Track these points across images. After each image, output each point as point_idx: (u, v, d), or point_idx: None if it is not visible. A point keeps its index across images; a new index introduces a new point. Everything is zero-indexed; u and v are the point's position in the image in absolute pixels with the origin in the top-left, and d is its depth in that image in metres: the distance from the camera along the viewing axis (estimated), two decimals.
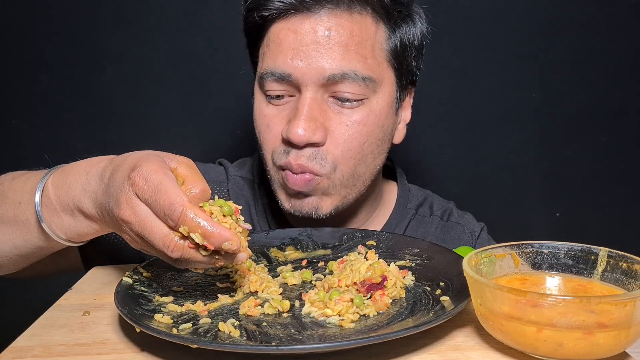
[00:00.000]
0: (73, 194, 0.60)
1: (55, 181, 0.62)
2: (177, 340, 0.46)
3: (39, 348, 0.50)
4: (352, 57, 0.72)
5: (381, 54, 0.76)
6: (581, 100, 1.26)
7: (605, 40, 1.24)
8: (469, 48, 1.23)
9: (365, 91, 0.74)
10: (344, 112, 0.74)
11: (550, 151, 1.28)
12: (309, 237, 0.75)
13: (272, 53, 0.75)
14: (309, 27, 0.72)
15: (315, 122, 0.72)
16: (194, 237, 0.49)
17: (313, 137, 0.72)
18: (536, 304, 0.44)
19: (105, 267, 0.72)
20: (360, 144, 0.75)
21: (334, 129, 0.74)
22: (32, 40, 1.21)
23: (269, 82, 0.75)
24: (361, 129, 0.74)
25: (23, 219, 0.64)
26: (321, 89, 0.73)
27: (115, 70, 1.22)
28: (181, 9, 1.20)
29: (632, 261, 0.51)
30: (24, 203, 0.64)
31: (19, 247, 0.67)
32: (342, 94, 0.73)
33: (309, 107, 0.72)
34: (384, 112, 0.77)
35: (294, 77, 0.73)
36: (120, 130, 1.23)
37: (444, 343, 0.50)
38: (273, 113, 0.76)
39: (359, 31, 0.73)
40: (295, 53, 0.72)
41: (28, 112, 1.24)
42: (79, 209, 0.60)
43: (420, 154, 1.25)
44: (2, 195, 0.68)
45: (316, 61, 0.72)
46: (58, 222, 0.62)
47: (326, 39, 0.72)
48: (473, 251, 0.54)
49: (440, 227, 0.90)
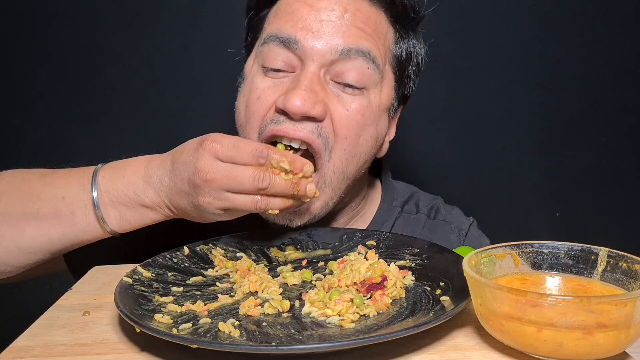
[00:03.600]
0: (134, 187, 0.67)
1: (109, 175, 0.68)
2: (177, 340, 0.46)
3: (39, 348, 0.50)
4: (367, 38, 0.72)
5: (388, 54, 0.76)
6: (581, 100, 1.26)
7: (605, 40, 1.24)
8: (469, 48, 1.23)
9: (369, 80, 0.73)
10: (344, 97, 0.72)
11: (550, 151, 1.28)
12: (309, 237, 0.75)
13: (280, 20, 0.73)
14: (326, 4, 0.72)
15: (316, 95, 0.69)
16: (283, 165, 0.62)
17: (312, 110, 0.68)
18: (536, 304, 0.44)
19: (105, 267, 0.72)
20: (357, 136, 0.73)
21: (333, 110, 0.71)
22: (33, 40, 1.21)
23: (271, 47, 0.72)
24: (359, 119, 0.72)
25: (67, 212, 0.68)
26: (325, 68, 0.71)
27: (115, 70, 1.22)
28: (181, 9, 1.20)
29: (632, 261, 0.51)
30: (69, 197, 0.68)
31: (53, 242, 0.70)
32: (347, 76, 0.71)
33: (310, 79, 0.70)
34: (381, 110, 0.76)
35: (301, 46, 0.70)
36: (120, 130, 1.23)
37: (444, 343, 0.50)
38: (267, 85, 0.72)
39: (375, 22, 0.74)
40: (306, 24, 0.71)
41: (28, 112, 1.24)
42: (139, 199, 0.67)
43: (419, 154, 1.25)
44: (34, 192, 0.70)
45: (330, 38, 0.70)
46: (113, 213, 0.68)
47: (343, 19, 0.71)
48: (473, 251, 0.54)
49: (427, 225, 0.88)
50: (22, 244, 0.69)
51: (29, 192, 0.70)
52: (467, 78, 1.25)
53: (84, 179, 0.69)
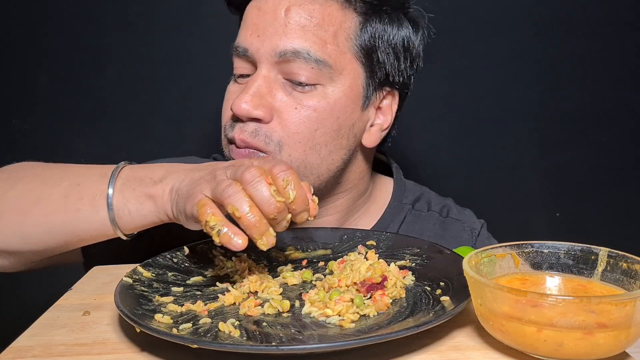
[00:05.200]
0: (152, 172, 0.65)
1: (136, 167, 0.67)
2: (177, 340, 0.46)
3: (39, 348, 0.50)
4: (308, 38, 0.73)
5: (346, 43, 0.75)
6: (581, 100, 1.26)
7: (605, 40, 1.24)
8: (469, 48, 1.23)
9: (319, 77, 0.74)
10: (295, 94, 0.74)
11: (550, 151, 1.28)
12: (309, 237, 0.75)
13: (240, 29, 0.78)
14: (271, 5, 0.74)
15: (260, 99, 0.73)
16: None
17: (254, 111, 0.72)
18: (536, 304, 0.44)
19: (105, 267, 0.72)
20: (311, 130, 0.74)
21: (282, 109, 0.74)
22: (32, 40, 1.21)
23: (235, 58, 0.78)
24: (311, 114, 0.74)
25: (75, 198, 0.66)
26: (275, 68, 0.74)
27: (115, 70, 1.22)
28: (181, 9, 1.20)
29: (632, 261, 0.51)
30: (85, 184, 0.67)
31: (52, 232, 0.67)
32: (295, 75, 0.73)
33: (258, 83, 0.74)
34: (341, 103, 0.75)
35: (250, 52, 0.75)
36: (120, 130, 1.24)
37: (444, 343, 0.50)
38: (235, 90, 0.78)
39: (320, 14, 0.74)
40: (254, 29, 0.74)
41: (28, 112, 1.24)
42: (148, 186, 0.64)
43: (419, 153, 1.25)
44: (54, 177, 0.69)
45: (270, 38, 0.73)
46: (117, 199, 0.65)
47: (284, 18, 0.73)
48: (473, 251, 0.54)
49: (439, 223, 0.89)
50: (24, 231, 0.68)
51: (49, 178, 0.70)
52: (467, 78, 1.25)
53: (108, 169, 0.67)
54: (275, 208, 0.55)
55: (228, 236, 0.55)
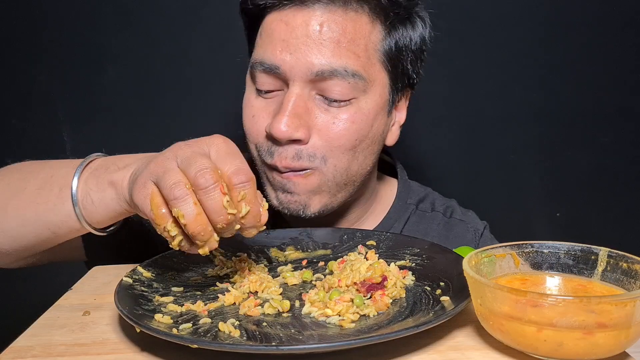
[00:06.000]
0: (118, 160, 0.64)
1: (108, 157, 0.66)
2: (177, 340, 0.46)
3: (39, 348, 0.50)
4: (342, 54, 0.72)
5: (375, 54, 0.75)
6: (581, 101, 1.26)
7: (605, 40, 1.24)
8: (470, 48, 1.23)
9: (354, 91, 0.73)
10: (331, 110, 0.74)
11: (550, 151, 1.28)
12: (309, 237, 0.75)
13: (263, 43, 0.74)
14: (301, 20, 0.72)
15: (299, 119, 0.72)
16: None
17: (295, 133, 0.72)
18: (536, 304, 0.44)
19: (105, 267, 0.72)
20: (351, 140, 0.75)
21: (321, 126, 0.73)
22: (32, 40, 1.21)
23: (259, 73, 0.75)
24: (349, 126, 0.74)
25: (47, 190, 0.66)
26: (309, 85, 0.73)
27: (115, 70, 1.22)
28: (181, 9, 1.20)
29: (632, 261, 0.51)
30: (57, 176, 0.66)
31: (26, 225, 0.67)
32: (330, 93, 0.72)
33: (294, 103, 0.72)
34: (373, 112, 0.76)
35: (282, 70, 0.72)
36: (120, 130, 1.24)
37: (444, 343, 0.50)
38: (260, 106, 0.76)
39: (353, 29, 0.73)
40: (285, 45, 0.72)
41: (28, 112, 1.24)
42: (111, 173, 0.62)
43: (420, 154, 1.25)
44: (31, 173, 0.69)
45: (305, 55, 0.71)
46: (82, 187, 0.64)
47: (317, 33, 0.71)
48: (473, 251, 0.54)
49: (443, 223, 0.90)
50: (3, 226, 0.68)
51: (29, 172, 0.70)
52: (467, 78, 1.25)
53: (79, 161, 0.66)
54: (225, 220, 0.52)
55: (187, 246, 0.55)
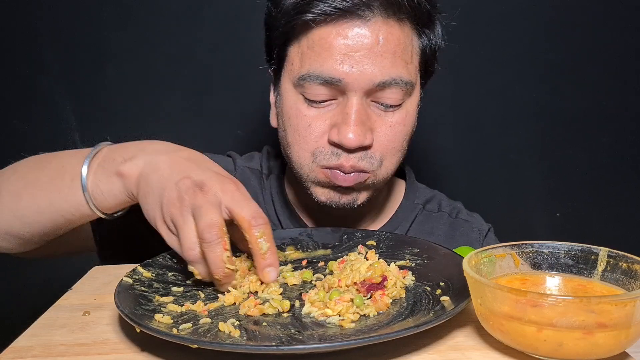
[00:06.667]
0: (125, 151, 0.67)
1: (115, 147, 0.69)
2: (177, 340, 0.46)
3: (39, 348, 0.50)
4: (399, 64, 0.75)
5: (416, 58, 0.79)
6: (582, 101, 1.26)
7: (606, 41, 1.24)
8: (470, 49, 1.23)
9: (405, 96, 0.77)
10: (386, 115, 0.77)
11: (550, 151, 1.28)
12: (309, 237, 0.75)
13: (317, 56, 0.74)
14: (360, 34, 0.73)
15: (364, 126, 0.75)
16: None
17: (365, 140, 0.75)
18: (536, 304, 0.44)
19: (105, 267, 0.72)
20: (401, 142, 0.79)
21: (378, 130, 0.77)
22: (32, 40, 1.20)
23: (312, 85, 0.75)
24: (402, 129, 0.78)
25: (59, 179, 0.69)
26: (366, 94, 0.75)
27: (115, 70, 1.22)
28: (182, 9, 1.20)
29: (632, 261, 0.51)
30: (69, 165, 0.69)
31: (42, 212, 0.70)
32: (385, 99, 0.76)
33: (357, 112, 0.74)
34: (415, 112, 0.81)
35: (344, 83, 0.74)
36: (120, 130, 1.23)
37: (444, 343, 0.50)
38: (314, 114, 0.77)
39: (404, 38, 0.75)
40: (345, 58, 0.73)
41: (28, 112, 1.24)
42: (119, 165, 0.65)
43: (420, 154, 1.25)
44: (43, 163, 0.73)
45: (367, 68, 0.73)
46: (91, 177, 0.67)
47: (377, 46, 0.73)
48: (473, 251, 0.54)
49: (448, 223, 0.93)
50: (19, 213, 0.71)
51: (40, 163, 0.73)
52: (467, 78, 1.25)
53: (88, 151, 0.70)
54: (223, 273, 0.57)
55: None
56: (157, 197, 0.61)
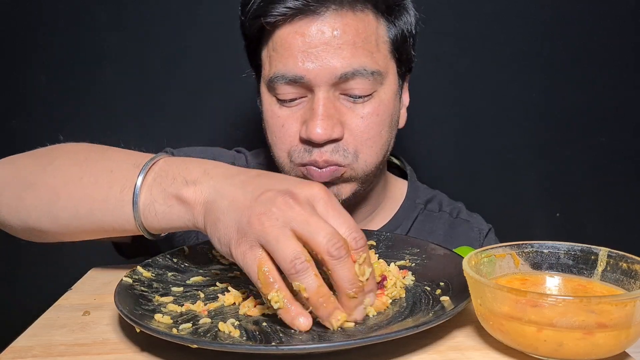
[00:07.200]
0: (187, 172, 0.58)
1: (172, 160, 0.61)
2: (177, 340, 0.46)
3: (39, 348, 0.50)
4: (360, 54, 0.75)
5: (384, 46, 0.78)
6: (581, 101, 1.26)
7: (605, 40, 1.24)
8: (469, 48, 1.23)
9: (374, 85, 0.77)
10: (356, 107, 0.77)
11: (550, 151, 1.28)
12: None
13: (280, 57, 0.76)
14: (316, 29, 0.74)
15: (332, 120, 0.75)
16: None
17: (332, 134, 0.75)
18: (536, 304, 0.44)
19: (105, 267, 0.72)
20: (377, 132, 0.78)
21: (349, 122, 0.77)
22: (32, 40, 1.21)
23: (280, 86, 0.76)
24: (376, 119, 0.77)
25: (105, 187, 0.61)
26: (332, 88, 0.76)
27: (115, 70, 1.22)
28: (181, 9, 1.20)
29: (632, 261, 0.51)
30: (117, 171, 0.62)
31: (79, 217, 0.63)
32: (353, 90, 0.76)
33: (324, 106, 0.75)
34: (391, 101, 0.80)
35: (307, 79, 0.74)
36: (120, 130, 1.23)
37: (444, 343, 0.50)
38: (286, 114, 0.78)
39: (364, 28, 0.75)
40: (305, 55, 0.74)
41: (28, 112, 1.24)
42: (180, 188, 0.57)
43: (419, 154, 1.25)
44: (89, 160, 0.65)
45: (327, 62, 0.74)
46: (145, 195, 0.59)
47: (334, 39, 0.74)
48: (473, 251, 0.54)
49: (449, 223, 0.93)
50: (53, 213, 0.64)
51: (84, 159, 0.66)
52: (466, 78, 1.25)
53: (143, 158, 0.62)
54: (357, 288, 0.49)
55: (290, 315, 0.49)
56: (233, 221, 0.52)
